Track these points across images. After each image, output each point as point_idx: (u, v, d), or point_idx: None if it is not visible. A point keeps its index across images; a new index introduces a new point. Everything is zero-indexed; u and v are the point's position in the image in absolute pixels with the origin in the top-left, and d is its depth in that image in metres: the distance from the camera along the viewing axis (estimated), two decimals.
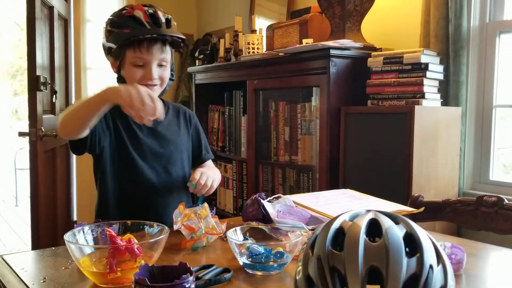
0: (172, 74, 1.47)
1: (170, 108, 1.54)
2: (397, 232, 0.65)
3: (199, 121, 1.64)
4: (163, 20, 1.36)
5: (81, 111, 1.22)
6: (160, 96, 1.45)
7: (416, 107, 1.86)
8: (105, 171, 1.42)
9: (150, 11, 1.35)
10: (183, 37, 1.42)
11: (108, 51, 1.41)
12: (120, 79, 1.43)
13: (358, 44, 2.15)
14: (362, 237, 0.64)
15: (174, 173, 1.47)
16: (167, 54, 1.41)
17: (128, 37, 1.33)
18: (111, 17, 1.38)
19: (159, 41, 1.37)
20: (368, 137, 2.00)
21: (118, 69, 1.42)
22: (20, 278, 0.98)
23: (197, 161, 1.58)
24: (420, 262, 0.62)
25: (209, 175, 1.40)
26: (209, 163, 1.62)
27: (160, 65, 1.40)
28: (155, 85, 1.40)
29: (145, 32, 1.33)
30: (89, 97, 1.21)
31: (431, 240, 0.66)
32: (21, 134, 2.32)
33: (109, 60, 1.45)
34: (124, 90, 1.12)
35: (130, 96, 1.10)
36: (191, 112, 1.61)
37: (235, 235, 1.07)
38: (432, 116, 1.93)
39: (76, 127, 1.24)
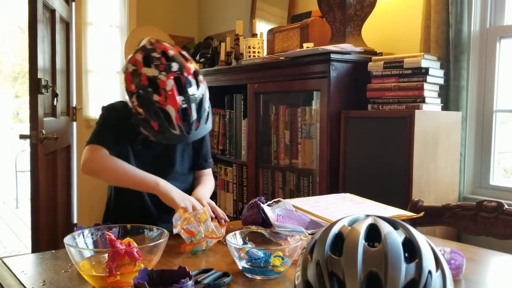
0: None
1: None
2: (396, 238, 0.65)
3: None
4: (194, 118, 1.30)
5: (124, 181, 1.38)
6: None
7: (417, 111, 1.86)
8: None
9: (184, 105, 1.27)
10: (208, 130, 1.40)
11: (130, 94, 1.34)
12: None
13: (358, 49, 2.15)
14: (361, 242, 0.64)
15: (173, 182, 1.42)
16: None
17: (154, 137, 1.33)
18: (139, 86, 1.29)
19: None
20: (368, 141, 2.00)
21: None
22: (20, 281, 0.98)
23: (195, 169, 1.59)
24: (419, 267, 0.62)
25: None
26: (206, 171, 1.63)
27: None
28: None
29: (174, 140, 1.32)
30: (138, 174, 1.36)
31: (430, 245, 0.66)
32: (22, 136, 2.32)
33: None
34: (178, 198, 1.31)
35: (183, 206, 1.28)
36: None
37: (235, 239, 1.07)
38: (433, 121, 1.93)
39: (109, 182, 1.48)
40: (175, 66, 1.29)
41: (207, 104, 1.35)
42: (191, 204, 1.31)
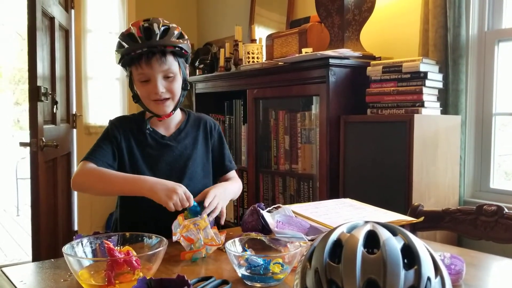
0: (186, 84, 1.43)
1: (189, 120, 1.51)
2: (395, 244, 0.64)
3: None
4: (157, 32, 1.33)
5: (111, 189, 1.34)
6: (174, 110, 1.43)
7: (416, 115, 1.86)
8: None
9: (146, 25, 1.33)
10: (177, 44, 1.35)
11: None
12: (135, 97, 1.43)
13: (357, 53, 2.15)
14: (360, 249, 0.64)
15: (190, 187, 1.34)
16: (171, 65, 1.36)
17: (120, 56, 1.34)
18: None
19: (157, 53, 1.33)
20: (368, 146, 2.00)
21: (131, 87, 1.42)
22: None
23: (219, 172, 1.55)
24: (418, 274, 0.62)
25: (220, 197, 1.35)
26: (232, 174, 1.58)
27: (166, 77, 1.36)
28: (165, 99, 1.37)
29: (135, 47, 1.31)
30: (122, 178, 1.31)
31: (429, 251, 0.66)
32: (22, 144, 2.33)
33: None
34: (162, 192, 1.24)
35: (168, 200, 1.23)
36: (213, 123, 1.56)
37: (234, 247, 1.06)
38: (432, 125, 1.93)
39: (99, 194, 1.43)
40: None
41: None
42: (179, 194, 1.24)
